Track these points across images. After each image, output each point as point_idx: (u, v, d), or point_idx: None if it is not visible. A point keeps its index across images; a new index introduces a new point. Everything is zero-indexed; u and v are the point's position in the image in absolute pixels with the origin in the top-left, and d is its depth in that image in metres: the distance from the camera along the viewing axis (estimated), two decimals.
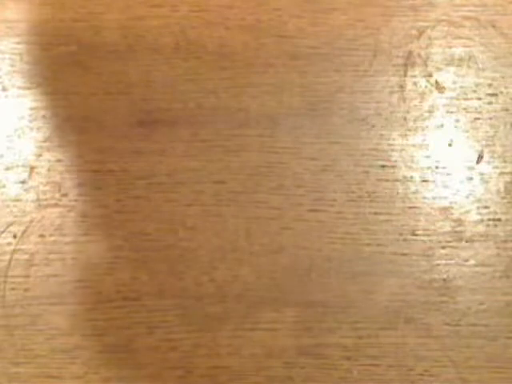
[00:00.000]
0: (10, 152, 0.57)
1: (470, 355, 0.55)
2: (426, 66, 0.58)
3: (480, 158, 0.57)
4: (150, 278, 0.56)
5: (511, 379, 0.55)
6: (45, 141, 0.57)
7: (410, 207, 0.56)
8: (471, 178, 0.56)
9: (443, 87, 0.57)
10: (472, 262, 0.56)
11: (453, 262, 0.56)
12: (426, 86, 0.57)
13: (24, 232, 0.56)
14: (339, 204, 0.56)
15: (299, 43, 0.58)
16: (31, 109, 0.58)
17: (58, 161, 0.57)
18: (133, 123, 0.57)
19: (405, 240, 0.56)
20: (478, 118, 0.57)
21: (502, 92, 0.57)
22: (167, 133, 0.57)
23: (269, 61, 0.58)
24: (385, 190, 0.56)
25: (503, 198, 0.56)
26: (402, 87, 0.57)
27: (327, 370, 0.55)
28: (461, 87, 0.57)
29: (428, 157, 0.57)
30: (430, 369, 0.55)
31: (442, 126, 0.57)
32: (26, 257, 0.56)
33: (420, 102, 0.57)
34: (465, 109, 0.57)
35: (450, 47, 0.58)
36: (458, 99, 0.57)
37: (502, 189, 0.56)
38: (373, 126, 0.57)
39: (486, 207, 0.56)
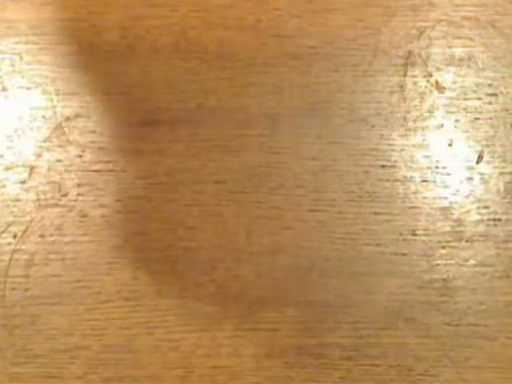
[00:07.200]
0: (9, 152, 0.57)
1: (470, 355, 0.55)
2: (426, 65, 0.58)
3: (480, 158, 0.57)
4: (150, 278, 0.56)
5: (511, 379, 0.55)
6: (45, 141, 0.57)
7: (410, 207, 0.56)
8: (471, 178, 0.56)
9: (443, 87, 0.57)
10: (472, 262, 0.56)
11: (453, 261, 0.56)
12: (425, 86, 0.58)
13: (24, 232, 0.56)
14: (339, 204, 0.56)
15: (299, 43, 0.58)
16: (31, 109, 0.58)
17: (58, 161, 0.57)
18: (133, 123, 0.57)
19: (405, 240, 0.56)
20: (478, 118, 0.57)
21: (502, 92, 0.57)
22: (167, 133, 0.57)
23: (269, 61, 0.58)
24: (385, 189, 0.56)
25: (503, 197, 0.56)
26: (402, 87, 0.57)
27: (327, 370, 0.55)
28: (461, 87, 0.58)
29: (428, 157, 0.57)
30: (429, 369, 0.55)
31: (442, 126, 0.57)
32: (26, 257, 0.56)
33: (420, 102, 0.57)
34: (465, 109, 0.57)
35: (450, 47, 0.58)
36: (457, 99, 0.57)
37: (502, 189, 0.56)
38: (373, 126, 0.57)
39: (486, 207, 0.56)
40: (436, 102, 0.57)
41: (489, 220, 0.56)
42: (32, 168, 0.57)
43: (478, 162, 0.57)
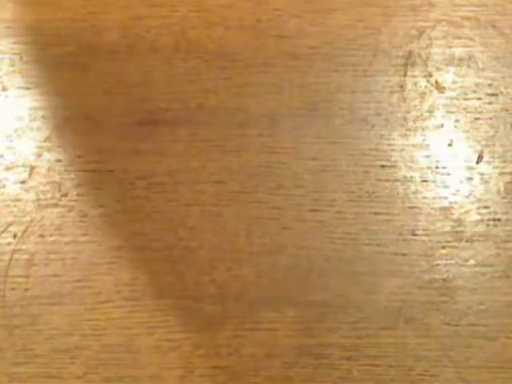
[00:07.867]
0: (9, 152, 0.57)
1: (470, 355, 0.55)
2: (426, 65, 0.58)
3: (480, 158, 0.57)
4: (150, 278, 0.56)
5: (511, 379, 0.55)
6: (45, 141, 0.57)
7: (410, 207, 0.56)
8: (471, 178, 0.56)
9: (443, 87, 0.57)
10: (472, 262, 0.56)
11: (453, 261, 0.56)
12: (425, 86, 0.57)
13: (24, 232, 0.56)
14: (339, 204, 0.56)
15: (299, 43, 0.58)
16: (31, 109, 0.58)
17: (58, 161, 0.57)
18: (133, 123, 0.57)
19: (405, 240, 0.56)
20: (478, 118, 0.57)
21: (502, 92, 0.57)
22: (167, 133, 0.57)
23: (269, 61, 0.58)
24: (385, 189, 0.56)
25: (503, 197, 0.56)
26: (402, 87, 0.57)
27: (327, 370, 0.55)
28: (461, 87, 0.58)
29: (428, 157, 0.57)
30: (429, 369, 0.55)
31: (441, 126, 0.57)
32: (26, 257, 0.56)
33: (420, 102, 0.57)
34: (465, 109, 0.57)
35: (450, 47, 0.58)
36: (458, 99, 0.57)
37: (502, 189, 0.56)
38: (373, 126, 0.57)
39: (486, 207, 0.56)
40: (436, 102, 0.57)
41: (489, 220, 0.56)
42: (32, 168, 0.57)
43: (478, 162, 0.57)
